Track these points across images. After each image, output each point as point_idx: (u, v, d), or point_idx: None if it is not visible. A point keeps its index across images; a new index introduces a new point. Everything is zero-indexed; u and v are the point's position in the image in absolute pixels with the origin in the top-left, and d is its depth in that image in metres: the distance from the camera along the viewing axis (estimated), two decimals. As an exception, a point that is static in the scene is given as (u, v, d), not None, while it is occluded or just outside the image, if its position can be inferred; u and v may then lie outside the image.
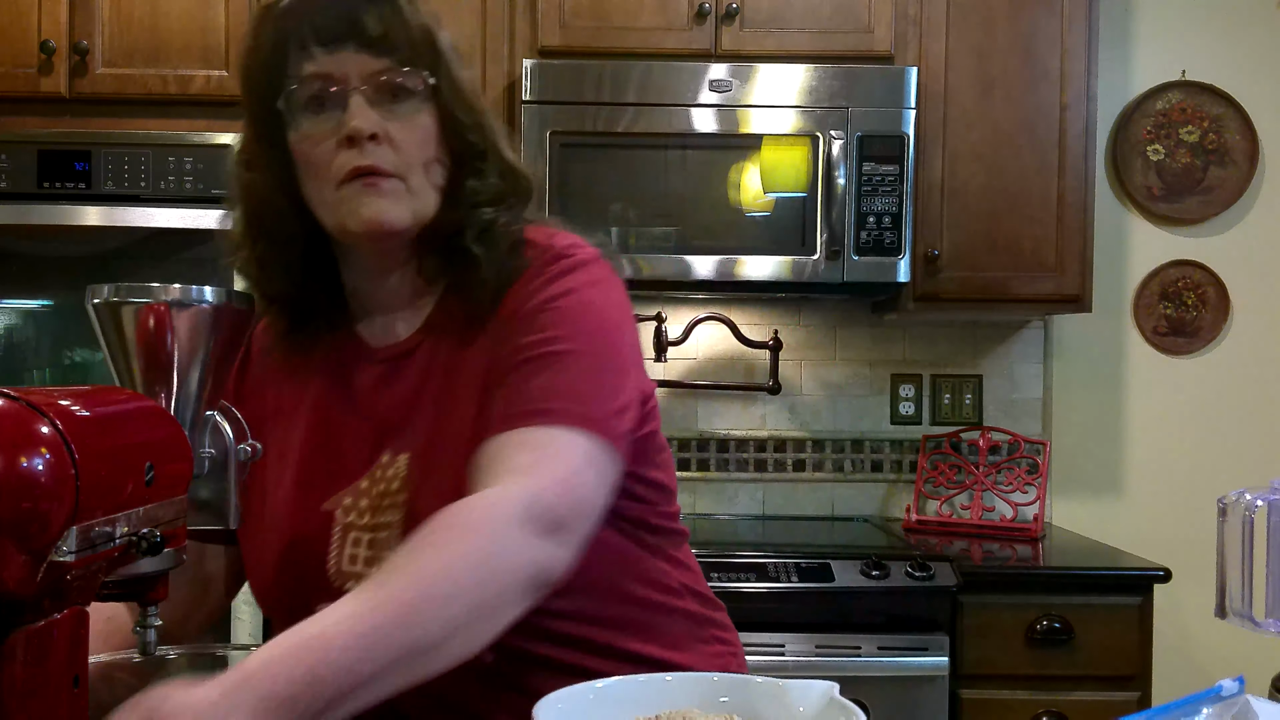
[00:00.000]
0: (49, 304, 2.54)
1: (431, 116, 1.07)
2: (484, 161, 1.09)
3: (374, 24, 1.03)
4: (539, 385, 1.00)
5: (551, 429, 0.98)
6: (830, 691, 0.88)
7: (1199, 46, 3.12)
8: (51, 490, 0.65)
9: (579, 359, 1.02)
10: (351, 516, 1.09)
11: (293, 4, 1.05)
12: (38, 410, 0.66)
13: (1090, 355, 3.13)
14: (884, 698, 2.33)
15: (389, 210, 1.04)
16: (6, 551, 0.63)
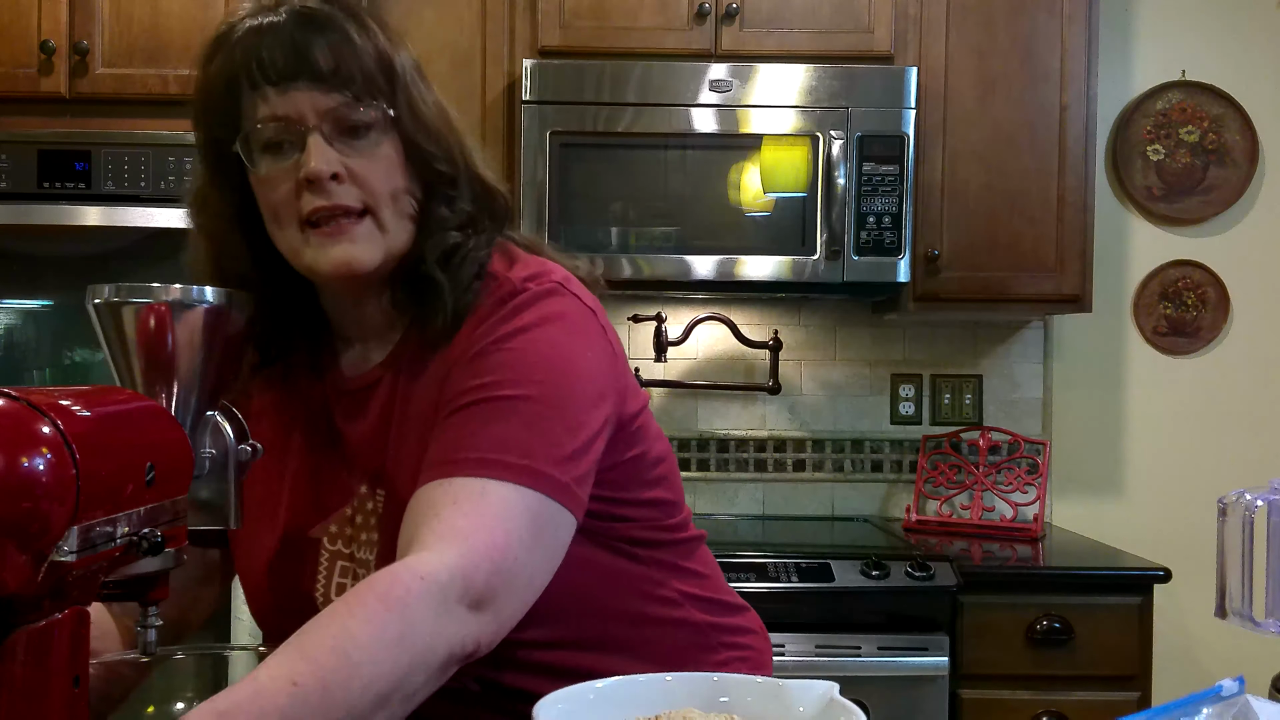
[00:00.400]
0: (49, 304, 2.54)
1: (394, 147, 1.03)
2: (454, 188, 1.06)
3: (324, 58, 0.99)
4: (483, 433, 0.95)
5: (492, 482, 0.92)
6: (830, 691, 0.88)
7: (1199, 46, 3.12)
8: (53, 490, 0.65)
9: (526, 405, 0.97)
10: (338, 545, 1.09)
11: (240, 38, 1.01)
12: (38, 410, 0.66)
13: (1090, 355, 3.13)
14: (884, 698, 2.33)
15: (360, 252, 1.01)
16: (8, 551, 0.63)
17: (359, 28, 1.02)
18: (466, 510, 0.90)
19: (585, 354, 1.03)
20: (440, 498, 0.91)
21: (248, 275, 1.04)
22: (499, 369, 0.98)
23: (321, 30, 1.00)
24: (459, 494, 0.91)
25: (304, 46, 0.99)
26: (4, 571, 0.63)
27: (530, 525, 0.92)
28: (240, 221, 1.05)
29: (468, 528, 0.89)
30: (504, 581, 0.89)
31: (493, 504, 0.91)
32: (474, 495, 0.91)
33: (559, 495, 0.95)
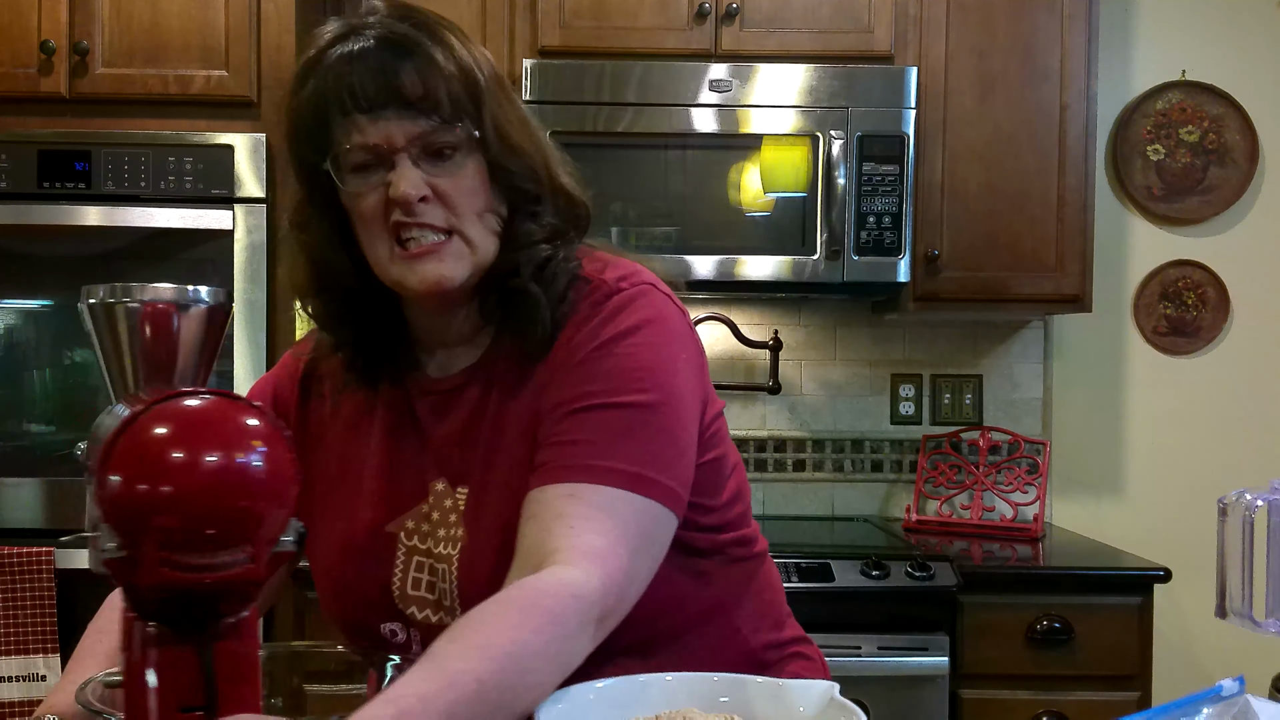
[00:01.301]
0: (49, 304, 2.54)
1: (479, 166, 1.05)
2: (538, 203, 1.09)
3: (412, 85, 1.02)
4: (603, 440, 1.00)
5: (616, 492, 0.98)
6: (830, 691, 0.88)
7: (1199, 46, 3.12)
8: (289, 484, 0.72)
9: (639, 412, 1.02)
10: (414, 540, 1.11)
11: (330, 65, 1.03)
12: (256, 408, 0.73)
13: (1090, 355, 3.13)
14: (884, 698, 2.33)
15: (448, 270, 1.05)
16: (262, 544, 0.69)
17: (443, 48, 1.04)
18: (598, 527, 0.96)
19: (682, 356, 1.08)
20: (570, 508, 0.97)
21: (351, 287, 1.10)
22: (611, 375, 1.03)
23: (409, 55, 1.02)
24: (587, 504, 0.97)
25: (392, 74, 1.01)
26: (259, 563, 0.69)
27: (646, 538, 0.99)
28: (339, 236, 1.09)
29: (604, 549, 0.95)
30: (622, 602, 0.96)
31: (619, 519, 0.97)
32: (602, 508, 0.97)
33: (669, 502, 1.01)
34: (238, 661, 0.73)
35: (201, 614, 0.70)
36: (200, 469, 0.68)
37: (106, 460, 0.68)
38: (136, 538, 0.68)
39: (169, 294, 0.84)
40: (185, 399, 0.71)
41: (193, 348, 0.86)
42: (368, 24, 1.05)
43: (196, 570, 0.68)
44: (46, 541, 2.38)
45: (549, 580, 0.91)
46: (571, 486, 0.98)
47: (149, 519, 0.67)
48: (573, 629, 0.89)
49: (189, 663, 0.71)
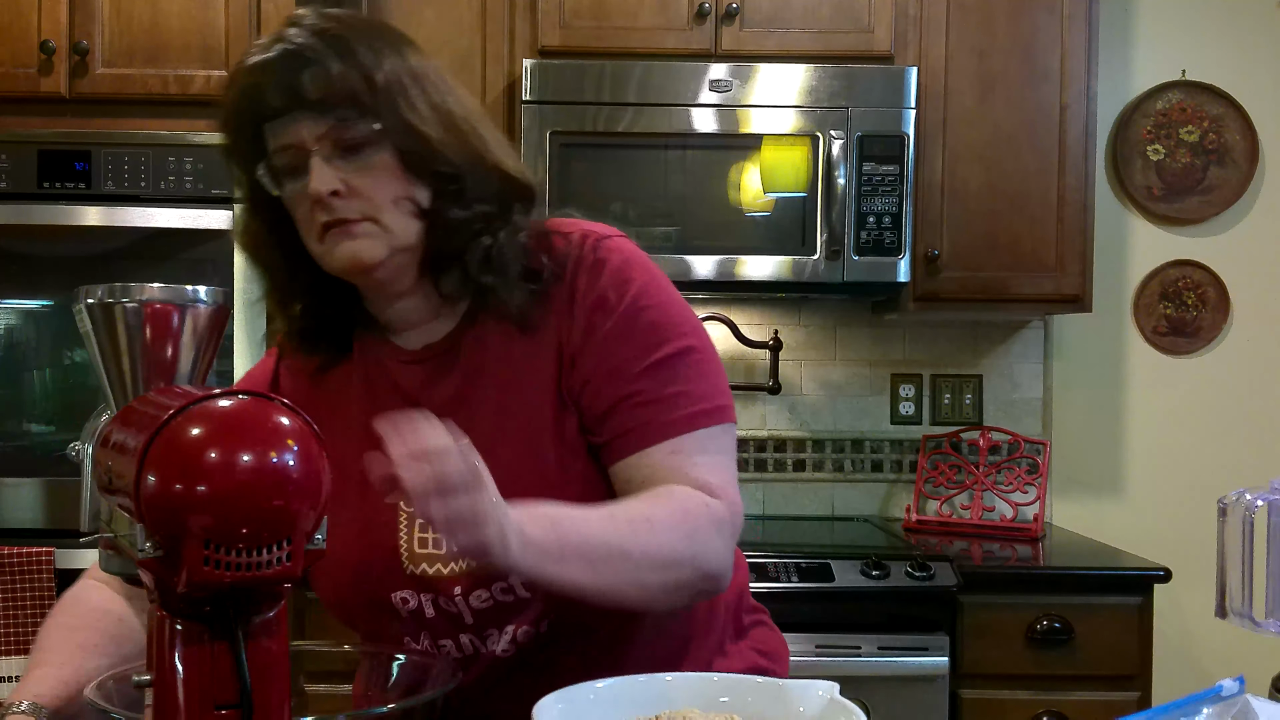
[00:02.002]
0: (49, 304, 2.54)
1: (391, 155, 1.11)
2: (461, 184, 1.12)
3: (311, 88, 1.08)
4: (674, 390, 1.12)
5: (707, 431, 1.12)
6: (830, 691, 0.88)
7: (1199, 46, 3.12)
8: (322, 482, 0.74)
9: (691, 355, 1.14)
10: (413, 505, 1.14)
11: (245, 79, 1.11)
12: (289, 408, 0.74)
13: (1090, 355, 3.13)
14: (884, 698, 2.33)
15: (363, 249, 1.10)
16: (299, 542, 0.71)
17: (339, 54, 1.10)
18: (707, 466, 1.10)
19: (677, 293, 1.19)
20: (677, 462, 1.10)
21: (294, 281, 1.17)
22: (649, 331, 1.13)
23: (306, 64, 1.09)
24: (688, 453, 1.10)
25: (292, 80, 1.09)
26: (296, 561, 0.71)
27: (728, 452, 1.14)
28: (277, 236, 1.16)
29: (719, 484, 1.10)
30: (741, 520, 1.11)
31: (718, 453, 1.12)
32: (702, 450, 1.11)
33: (734, 415, 1.16)
34: (268, 660, 0.74)
35: (236, 612, 0.72)
36: (239, 468, 0.69)
37: (143, 462, 0.69)
38: (176, 538, 0.69)
39: (168, 294, 0.84)
40: (219, 399, 0.72)
41: (192, 348, 0.86)
42: (280, 37, 1.13)
43: (237, 569, 0.69)
44: (46, 541, 2.38)
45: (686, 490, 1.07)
46: (670, 444, 1.10)
47: (188, 519, 0.68)
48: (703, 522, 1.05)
49: (222, 660, 0.72)
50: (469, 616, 1.13)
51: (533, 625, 1.12)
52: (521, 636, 1.13)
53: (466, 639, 1.14)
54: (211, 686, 0.71)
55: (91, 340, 0.85)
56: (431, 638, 1.15)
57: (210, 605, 0.72)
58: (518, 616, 1.12)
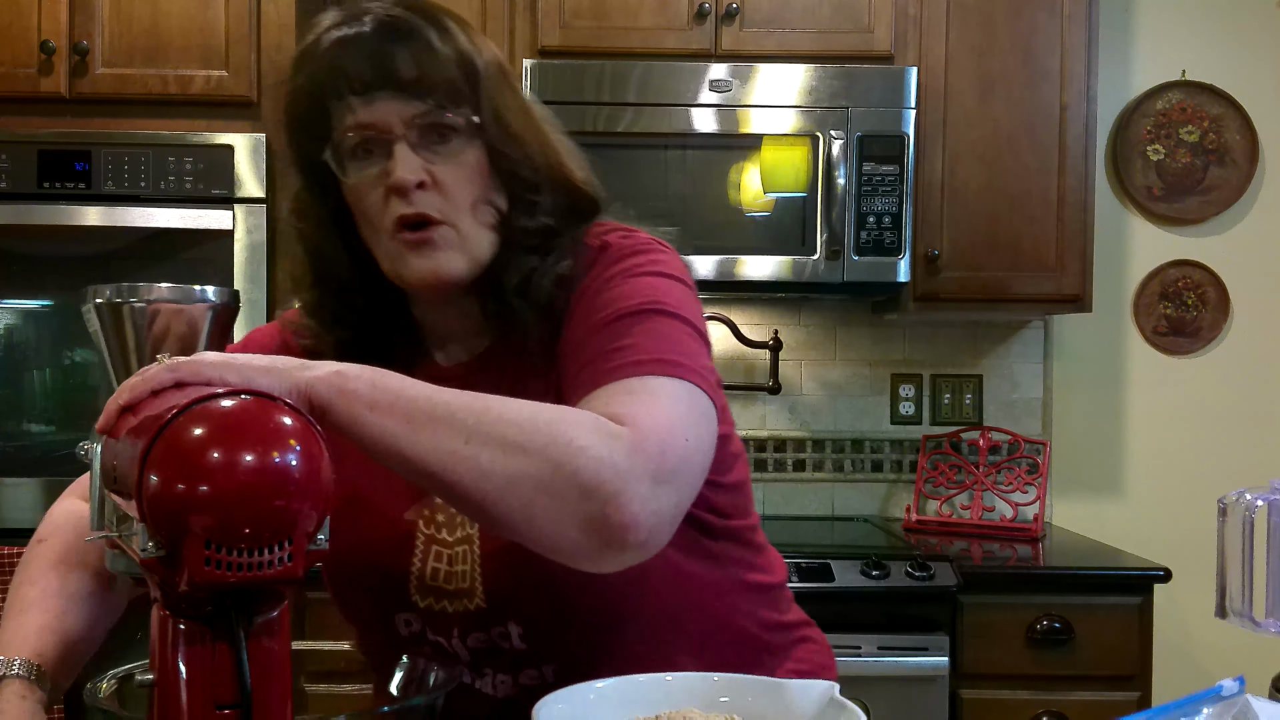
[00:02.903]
0: (49, 304, 2.54)
1: (479, 152, 1.03)
2: (537, 194, 1.06)
3: (407, 67, 1.00)
4: (628, 343, 0.96)
5: (652, 378, 0.93)
6: (830, 691, 0.88)
7: (1199, 46, 3.12)
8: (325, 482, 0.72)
9: (664, 318, 0.99)
10: (431, 529, 1.09)
11: (324, 52, 1.02)
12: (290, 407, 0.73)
13: (1090, 355, 3.13)
14: (884, 698, 2.33)
15: (444, 262, 1.02)
16: (300, 542, 0.70)
17: (440, 33, 1.02)
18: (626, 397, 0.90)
19: (684, 288, 1.05)
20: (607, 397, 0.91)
21: (346, 280, 1.08)
22: (630, 293, 1.00)
23: (405, 39, 1.00)
24: (624, 390, 0.92)
25: (387, 57, 1.00)
26: (298, 561, 0.70)
27: (691, 410, 0.92)
28: (338, 228, 1.07)
29: (629, 413, 0.88)
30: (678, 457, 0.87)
31: (657, 394, 0.91)
32: (638, 390, 0.91)
33: (702, 384, 0.95)
34: (270, 659, 0.74)
35: (238, 612, 0.72)
36: (240, 469, 0.69)
37: (144, 462, 0.69)
38: (177, 537, 0.69)
39: (176, 293, 0.84)
40: (221, 399, 0.72)
41: (201, 346, 0.86)
42: (366, 10, 1.03)
43: (238, 569, 0.69)
44: (46, 541, 2.38)
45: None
46: (606, 386, 0.93)
47: (189, 519, 0.68)
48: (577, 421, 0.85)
49: (223, 661, 0.72)
50: (465, 655, 1.09)
51: (538, 671, 1.07)
52: (526, 680, 1.08)
53: (466, 671, 1.10)
54: (213, 687, 0.72)
55: (100, 339, 0.84)
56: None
57: (212, 605, 0.72)
58: (517, 664, 1.08)
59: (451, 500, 0.87)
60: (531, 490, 0.82)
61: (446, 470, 0.82)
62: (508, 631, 1.06)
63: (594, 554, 0.86)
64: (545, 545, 0.86)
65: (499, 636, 1.07)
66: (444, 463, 0.81)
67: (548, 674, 1.07)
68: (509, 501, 0.82)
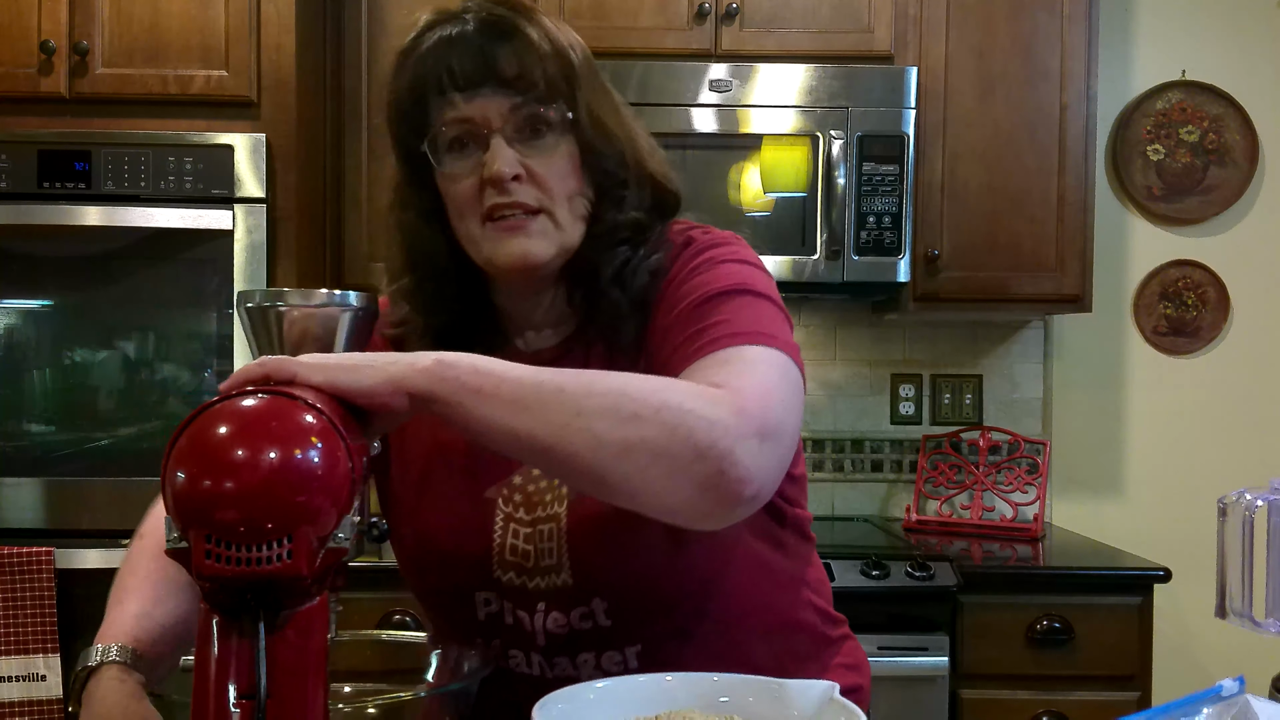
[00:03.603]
0: (49, 304, 2.54)
1: (571, 148, 1.07)
2: (625, 189, 1.10)
3: (509, 65, 1.04)
4: (721, 319, 1.00)
5: (747, 347, 0.97)
6: (830, 691, 0.88)
7: (1199, 46, 3.12)
8: (338, 481, 0.74)
9: (743, 296, 1.03)
10: (510, 507, 1.11)
11: (429, 48, 1.06)
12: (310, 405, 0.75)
13: (1090, 355, 3.13)
14: (884, 698, 2.32)
15: (535, 247, 1.06)
16: (304, 539, 0.71)
17: (538, 29, 1.07)
18: (731, 371, 0.94)
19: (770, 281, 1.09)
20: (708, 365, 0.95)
21: (443, 268, 1.11)
22: (720, 276, 1.04)
23: (506, 37, 1.05)
24: (719, 361, 0.96)
25: (490, 54, 1.04)
26: (300, 558, 0.71)
27: (784, 377, 0.96)
28: (436, 218, 1.10)
29: (725, 380, 0.92)
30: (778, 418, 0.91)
31: (753, 362, 0.95)
32: (734, 359, 0.96)
33: (793, 354, 1.00)
34: (299, 655, 0.75)
35: (254, 606, 0.73)
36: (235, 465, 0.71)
37: (169, 456, 0.73)
38: (186, 530, 0.72)
39: (315, 299, 0.89)
40: (243, 398, 0.75)
41: (339, 349, 0.91)
42: (466, 9, 1.07)
43: (236, 564, 0.71)
44: (46, 541, 2.38)
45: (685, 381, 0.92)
46: (710, 356, 0.97)
47: (191, 512, 0.71)
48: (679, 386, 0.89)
49: (247, 654, 0.74)
50: (541, 638, 1.10)
51: (621, 654, 1.09)
52: (607, 664, 1.09)
53: (536, 659, 1.11)
54: (238, 678, 0.73)
55: (249, 339, 0.91)
56: (503, 646, 1.12)
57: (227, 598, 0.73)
58: (596, 646, 1.09)
59: (568, 475, 0.91)
60: (648, 455, 0.85)
61: (561, 444, 0.84)
62: (592, 610, 1.07)
63: (709, 512, 0.89)
64: (662, 507, 0.89)
65: (582, 617, 1.08)
66: (558, 436, 0.84)
67: (630, 657, 1.08)
68: (625, 468, 0.85)
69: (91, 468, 2.48)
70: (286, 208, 2.51)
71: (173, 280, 2.51)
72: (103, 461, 2.48)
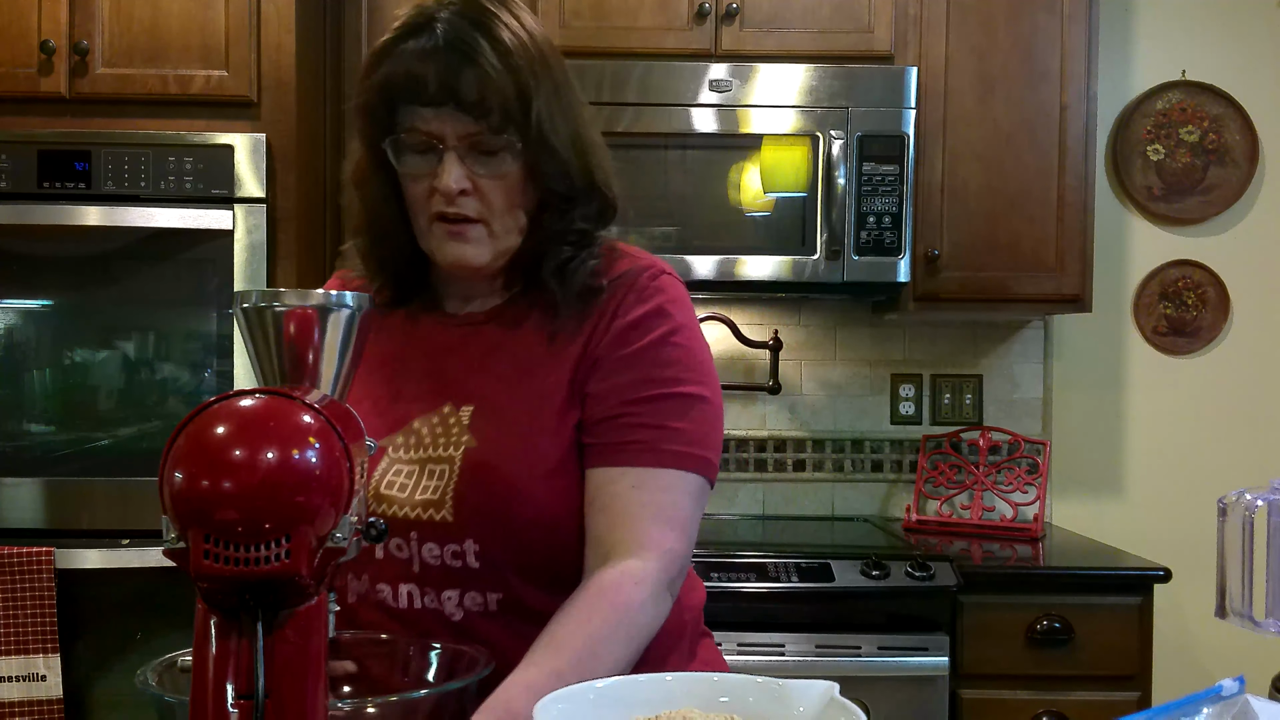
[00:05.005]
0: (49, 304, 2.54)
1: (519, 168, 1.17)
2: (570, 203, 1.20)
3: (470, 89, 1.12)
4: (665, 426, 1.16)
5: (676, 473, 1.15)
6: (830, 691, 0.88)
7: (1199, 46, 3.12)
8: (336, 481, 0.74)
9: (702, 404, 1.18)
10: (400, 453, 1.21)
11: (402, 57, 1.15)
12: (308, 406, 0.75)
13: (1090, 355, 3.13)
14: (884, 698, 2.33)
15: (471, 252, 1.18)
16: (302, 539, 0.72)
17: (501, 56, 1.14)
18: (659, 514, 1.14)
19: (710, 353, 1.24)
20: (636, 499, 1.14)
21: (391, 237, 1.23)
22: (668, 366, 1.18)
23: (471, 61, 1.13)
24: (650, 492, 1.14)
25: (454, 75, 1.13)
26: (298, 558, 0.72)
27: (698, 508, 1.18)
28: (393, 200, 1.22)
29: (662, 535, 1.13)
30: (682, 568, 1.15)
31: (678, 498, 1.15)
32: (663, 490, 1.15)
33: (713, 474, 1.19)
34: (298, 655, 0.75)
35: (257, 605, 0.73)
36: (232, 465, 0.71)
37: (166, 456, 0.74)
38: (184, 530, 0.72)
39: (314, 299, 0.91)
40: (242, 398, 0.75)
41: (337, 346, 0.92)
42: (435, 21, 1.15)
43: (235, 564, 0.71)
44: (46, 541, 2.38)
45: (612, 574, 1.09)
46: (637, 475, 1.14)
47: (188, 513, 0.71)
48: (635, 609, 1.07)
49: (245, 653, 0.74)
50: (416, 565, 1.17)
51: (483, 596, 1.16)
52: (469, 604, 1.17)
53: (406, 590, 1.18)
54: (236, 677, 0.74)
55: (246, 340, 0.92)
56: (371, 580, 1.19)
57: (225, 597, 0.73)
58: (461, 585, 1.17)
59: None
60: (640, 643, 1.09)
61: None
62: (463, 550, 1.16)
63: None
64: None
65: (454, 555, 1.16)
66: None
67: (491, 601, 1.17)
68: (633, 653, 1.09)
69: (91, 468, 2.48)
70: (286, 208, 2.51)
71: (173, 280, 2.51)
72: (103, 461, 2.48)
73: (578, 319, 1.20)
